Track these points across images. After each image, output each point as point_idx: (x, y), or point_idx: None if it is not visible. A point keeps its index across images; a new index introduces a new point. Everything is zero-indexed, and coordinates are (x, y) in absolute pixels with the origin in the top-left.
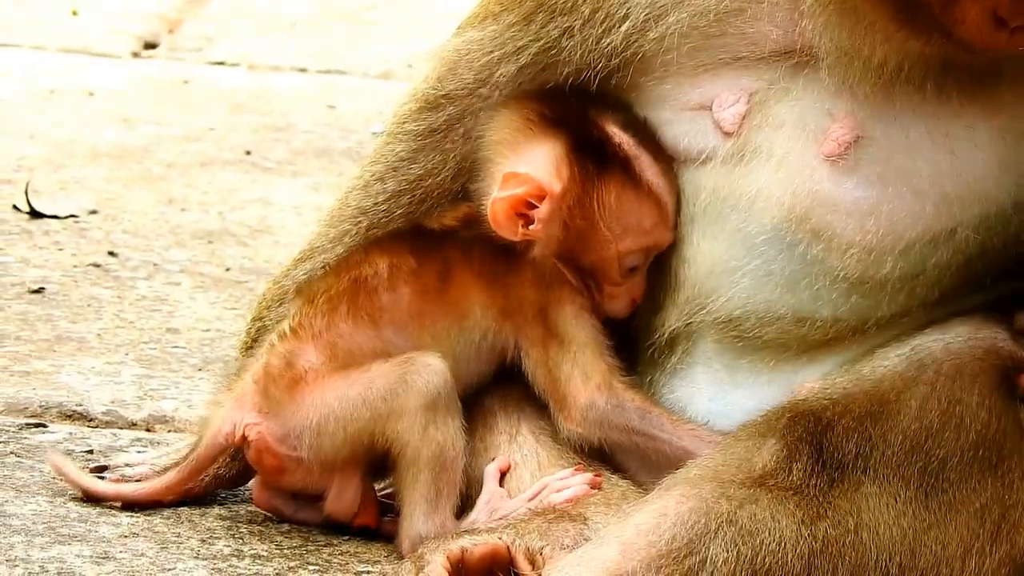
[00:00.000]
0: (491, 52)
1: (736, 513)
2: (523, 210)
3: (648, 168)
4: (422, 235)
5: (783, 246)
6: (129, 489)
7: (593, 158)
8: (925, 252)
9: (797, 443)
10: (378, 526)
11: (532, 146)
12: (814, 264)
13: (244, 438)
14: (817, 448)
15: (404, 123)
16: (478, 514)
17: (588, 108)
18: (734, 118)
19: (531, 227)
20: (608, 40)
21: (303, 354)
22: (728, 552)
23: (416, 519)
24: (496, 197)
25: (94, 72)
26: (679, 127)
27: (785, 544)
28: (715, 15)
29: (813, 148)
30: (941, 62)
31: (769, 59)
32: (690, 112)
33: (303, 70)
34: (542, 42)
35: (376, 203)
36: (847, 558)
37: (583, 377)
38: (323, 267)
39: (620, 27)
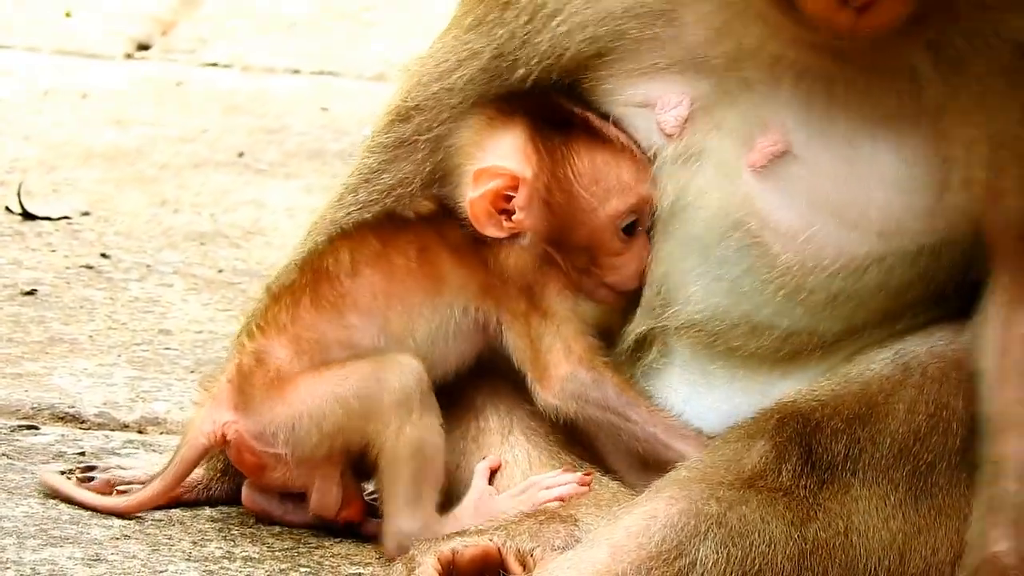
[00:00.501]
0: (451, 58)
1: (726, 515)
2: (501, 204)
3: (606, 127)
4: (391, 221)
5: (728, 252)
6: (120, 502)
7: (555, 131)
8: (858, 276)
9: (786, 444)
10: (363, 520)
11: (496, 140)
12: (755, 273)
13: (224, 437)
14: (806, 449)
15: (376, 136)
16: (463, 511)
17: (541, 94)
18: (676, 120)
19: (514, 218)
20: (544, 41)
21: (272, 351)
22: (718, 554)
23: (399, 517)
24: (472, 197)
25: (88, 73)
26: (627, 122)
27: (775, 546)
28: (645, 16)
29: (744, 157)
30: (830, 57)
31: (710, 62)
32: (635, 109)
33: (297, 72)
34: (494, 46)
35: (348, 213)
36: (837, 560)
37: (565, 349)
38: (289, 266)
39: (553, 27)
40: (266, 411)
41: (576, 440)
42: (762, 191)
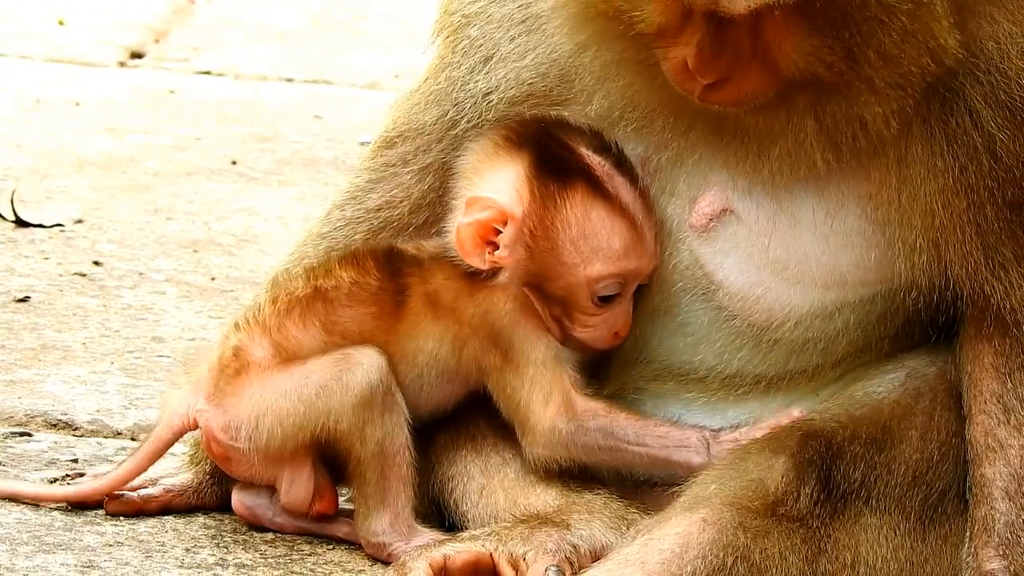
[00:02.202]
0: (424, 98)
1: (750, 547)
2: (488, 236)
3: (619, 186)
4: (392, 257)
5: (689, 312)
6: (93, 484)
7: (556, 176)
8: (815, 326)
9: (807, 466)
10: (335, 515)
11: (495, 170)
12: (717, 330)
13: (196, 424)
14: (826, 473)
15: (365, 160)
16: None
17: (555, 128)
18: None
19: (497, 253)
20: (480, 84)
21: (252, 347)
22: None
23: (368, 517)
24: (460, 223)
25: (81, 82)
26: None
27: None
28: (562, 73)
29: (687, 218)
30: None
31: (649, 122)
32: None
33: (290, 80)
34: (449, 88)
35: (335, 228)
36: None
37: (543, 402)
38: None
39: (486, 72)
40: (232, 405)
41: None
42: (709, 253)
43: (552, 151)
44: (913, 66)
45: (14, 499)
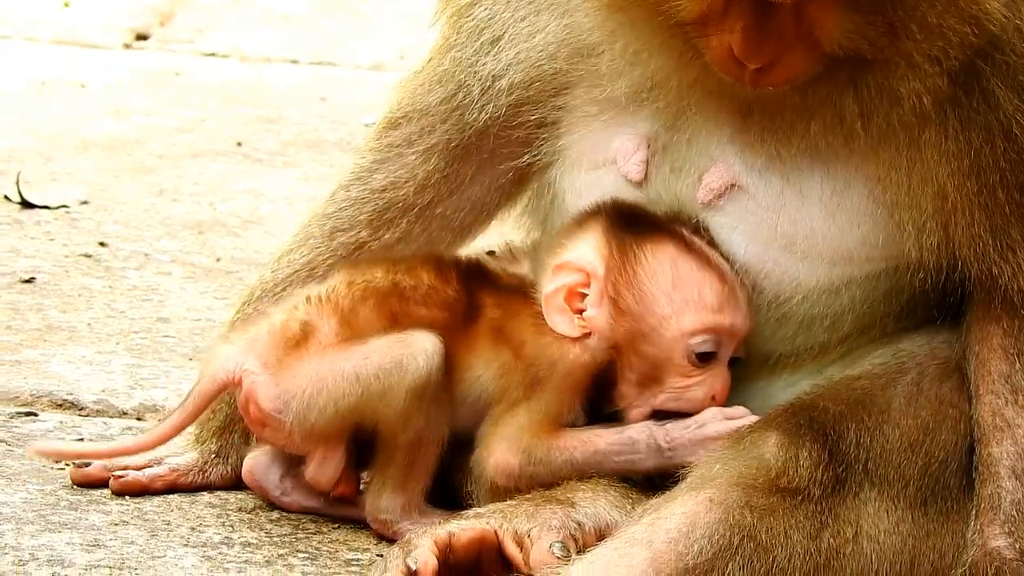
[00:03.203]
0: (429, 79)
1: (756, 526)
2: (575, 301)
3: (701, 244)
4: (475, 273)
5: None
6: (130, 442)
7: (632, 229)
8: (821, 302)
9: (798, 431)
10: (353, 499)
11: (576, 238)
12: None
13: (239, 382)
14: (820, 435)
15: (369, 141)
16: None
17: (629, 202)
18: (639, 167)
19: (585, 315)
20: (487, 66)
21: (320, 325)
22: (743, 570)
23: (382, 495)
24: (546, 292)
25: (86, 64)
26: (599, 186)
27: (794, 560)
28: (574, 54)
29: (697, 195)
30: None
31: (665, 101)
32: (602, 171)
33: (295, 62)
34: (456, 68)
35: (340, 208)
36: (848, 570)
37: (514, 446)
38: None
39: (495, 53)
40: (288, 378)
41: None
42: (717, 227)
43: (626, 210)
44: (954, 35)
45: (58, 458)
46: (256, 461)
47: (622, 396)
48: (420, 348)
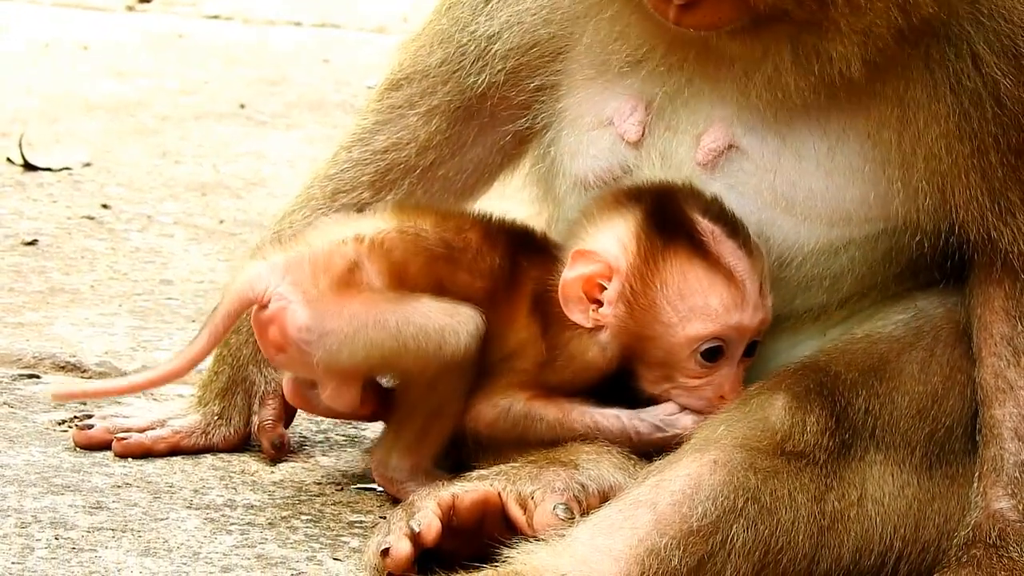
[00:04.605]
0: (430, 40)
1: (760, 488)
2: (593, 292)
3: (724, 248)
4: (523, 242)
5: None
6: (161, 370)
7: (662, 234)
8: (820, 262)
9: (807, 395)
10: (381, 414)
11: (605, 223)
12: None
13: (265, 303)
14: (829, 400)
15: (371, 102)
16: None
17: (674, 190)
18: (636, 127)
19: (600, 311)
20: (482, 26)
21: (367, 269)
22: (747, 532)
23: (392, 453)
24: (565, 277)
25: (89, 26)
26: (595, 147)
27: (798, 523)
28: (562, 19)
29: (693, 155)
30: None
31: (655, 62)
32: (599, 131)
33: (298, 24)
34: (457, 28)
35: (342, 169)
36: (852, 533)
37: (505, 400)
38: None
39: (488, 11)
40: (326, 314)
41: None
42: (716, 189)
43: (664, 209)
44: (878, 19)
45: (83, 398)
46: (298, 380)
47: (644, 379)
48: (464, 324)
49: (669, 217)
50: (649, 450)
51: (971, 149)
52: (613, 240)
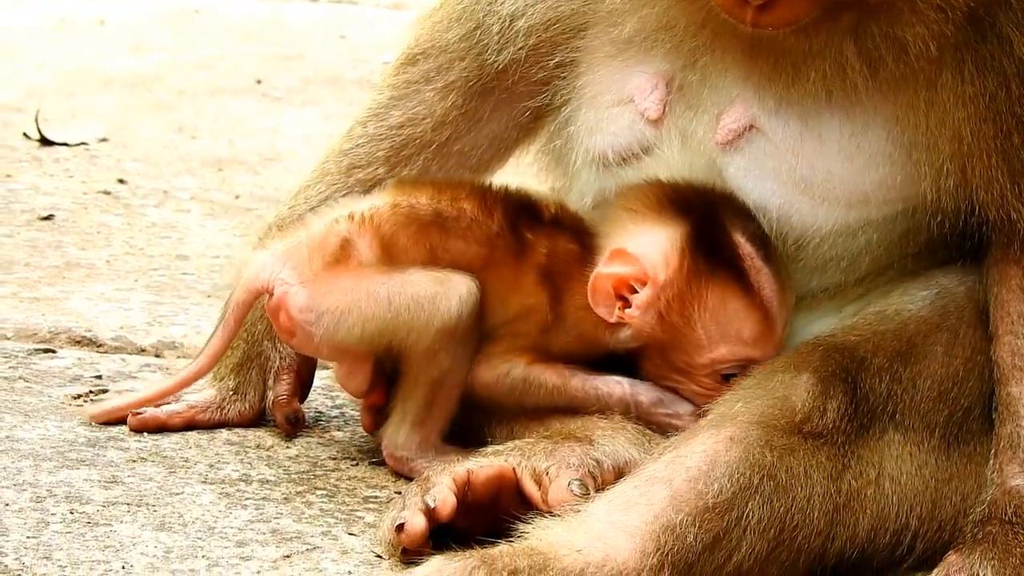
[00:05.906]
0: (448, 15)
1: (776, 466)
2: (624, 291)
3: (763, 279)
4: (523, 209)
5: None
6: (185, 373)
7: (708, 257)
8: (839, 243)
9: (832, 380)
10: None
11: (650, 226)
12: None
13: (271, 291)
14: (852, 386)
15: (387, 77)
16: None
17: (720, 205)
18: (657, 105)
19: (627, 311)
20: (508, 13)
21: (360, 243)
22: (763, 509)
23: (399, 431)
24: (599, 272)
25: (105, 0)
26: (615, 124)
27: (813, 500)
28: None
29: (713, 135)
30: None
31: (679, 41)
32: (619, 108)
33: None
34: (476, 9)
35: (357, 144)
36: (868, 511)
37: (505, 363)
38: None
39: (516, 1)
40: (320, 291)
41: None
42: (733, 169)
43: (711, 229)
44: None
45: (118, 415)
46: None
47: (649, 365)
48: (455, 291)
49: (715, 240)
50: (648, 426)
51: (995, 131)
52: (655, 249)
